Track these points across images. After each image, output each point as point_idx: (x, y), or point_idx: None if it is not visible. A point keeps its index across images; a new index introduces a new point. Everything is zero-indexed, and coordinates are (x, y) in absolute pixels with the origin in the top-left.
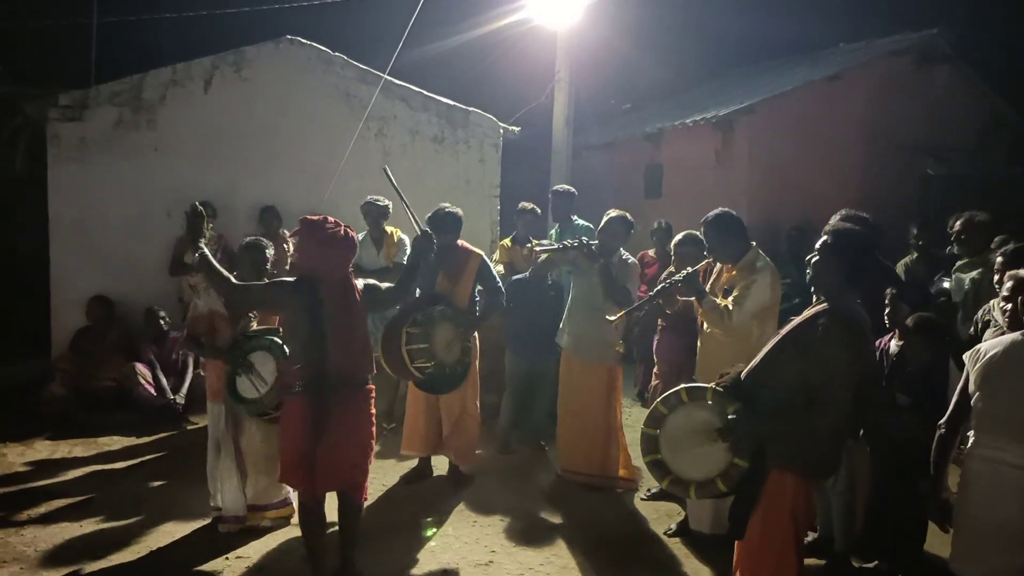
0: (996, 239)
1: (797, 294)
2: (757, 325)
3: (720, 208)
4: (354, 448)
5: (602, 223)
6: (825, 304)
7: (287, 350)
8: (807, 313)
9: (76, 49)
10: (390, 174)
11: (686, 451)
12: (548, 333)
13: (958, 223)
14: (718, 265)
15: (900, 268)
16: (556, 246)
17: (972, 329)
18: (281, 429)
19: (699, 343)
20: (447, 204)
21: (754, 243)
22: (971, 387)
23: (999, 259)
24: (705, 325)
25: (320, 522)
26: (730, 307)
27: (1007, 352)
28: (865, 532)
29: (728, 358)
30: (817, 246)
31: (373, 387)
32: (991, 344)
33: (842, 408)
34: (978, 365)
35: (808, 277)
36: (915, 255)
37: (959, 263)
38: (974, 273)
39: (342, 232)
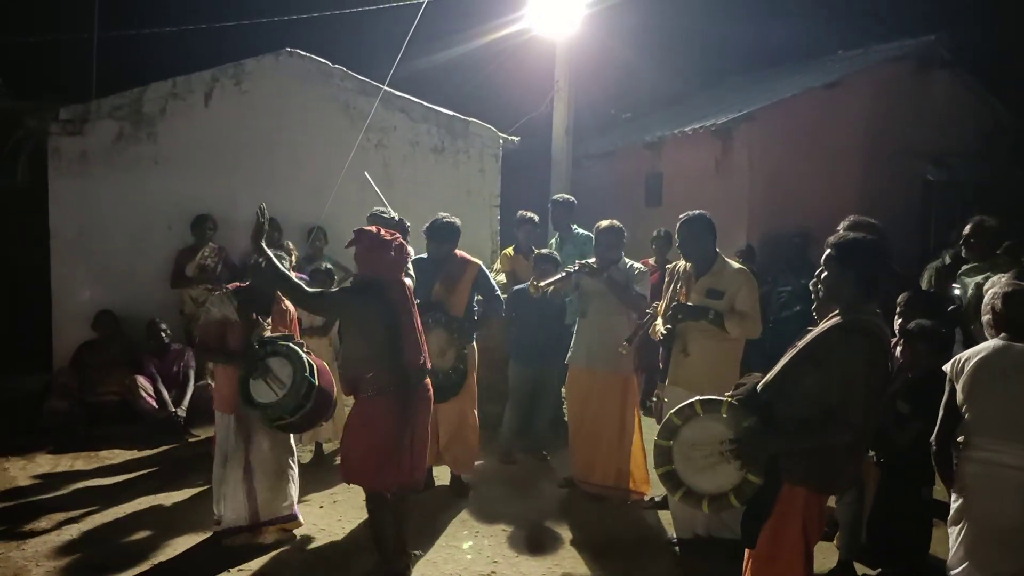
0: (1004, 245)
1: (798, 302)
2: (738, 326)
3: (697, 210)
4: (427, 439)
5: (595, 238)
6: (839, 317)
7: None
8: (824, 325)
9: (77, 63)
10: (370, 178)
11: (699, 464)
12: (551, 343)
13: (967, 227)
14: (680, 268)
15: (930, 271)
16: (559, 275)
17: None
18: (364, 433)
19: (674, 352)
20: (445, 214)
21: (718, 250)
22: (959, 397)
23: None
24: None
25: (391, 511)
26: (745, 311)
27: (992, 357)
28: (869, 539)
29: (700, 355)
30: (823, 259)
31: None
32: (972, 352)
33: (860, 425)
34: (964, 374)
35: (819, 291)
36: (948, 261)
37: (965, 267)
38: (979, 277)
39: (396, 240)
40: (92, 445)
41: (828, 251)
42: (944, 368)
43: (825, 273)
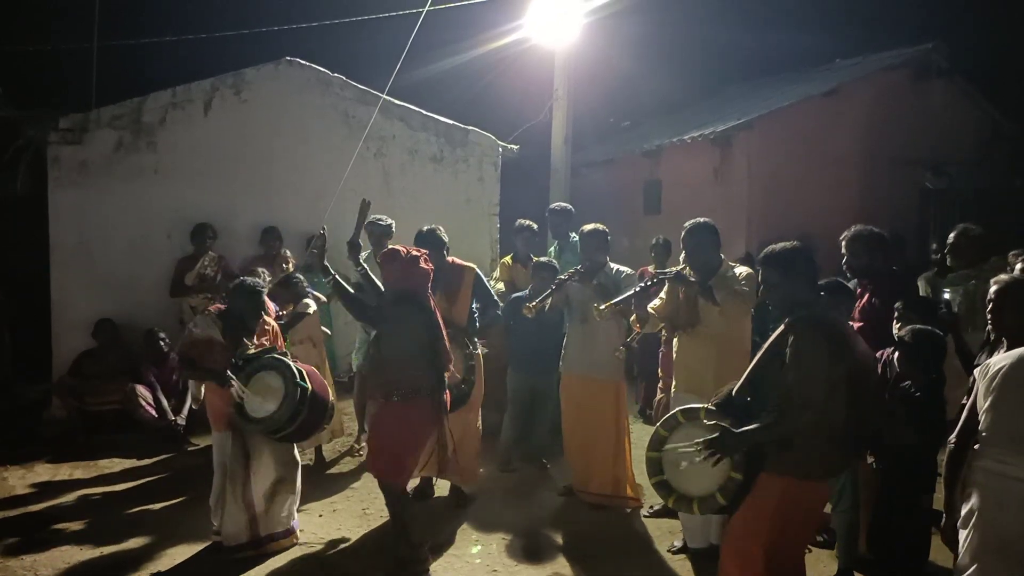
0: (1011, 254)
1: None
2: (736, 323)
3: (703, 218)
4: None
5: (579, 243)
6: (793, 318)
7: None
8: (782, 326)
9: (77, 72)
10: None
11: (687, 469)
12: (549, 351)
13: (952, 235)
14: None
15: (920, 283)
16: (550, 289)
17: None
18: (397, 431)
19: (674, 353)
20: (426, 225)
21: (723, 256)
22: (979, 401)
23: (1019, 266)
24: (672, 336)
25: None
26: (739, 289)
27: (1016, 365)
28: (868, 547)
29: (708, 362)
30: (763, 277)
31: None
32: (1000, 358)
33: (819, 404)
34: (985, 380)
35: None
36: (935, 270)
37: (951, 275)
38: (968, 285)
39: (424, 255)
40: (91, 454)
41: (767, 267)
42: (975, 373)
43: (770, 288)
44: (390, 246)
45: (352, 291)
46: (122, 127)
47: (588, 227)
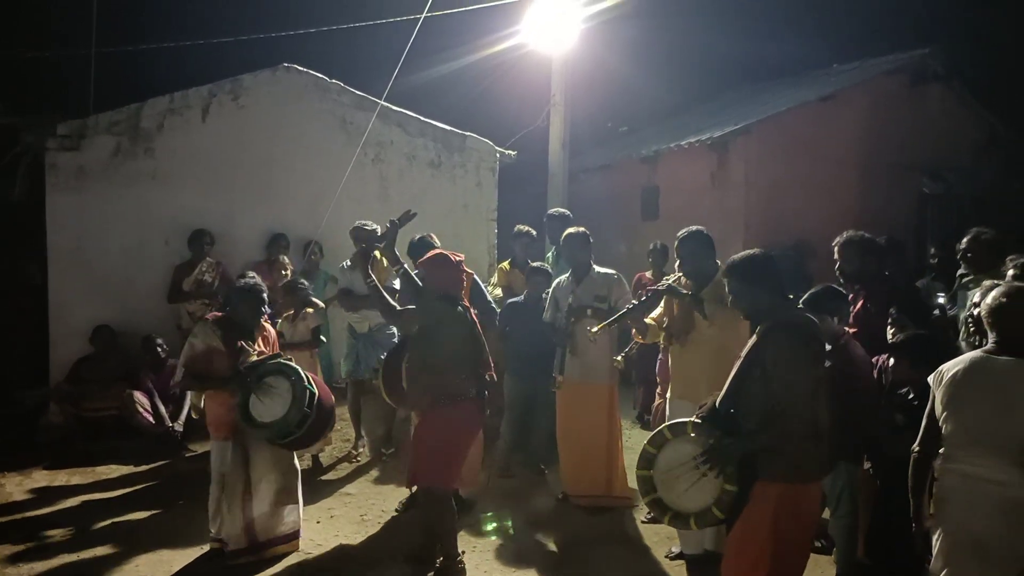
0: (1008, 259)
1: None
2: (731, 331)
3: (695, 227)
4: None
5: (562, 246)
6: (765, 324)
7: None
8: (756, 333)
9: (75, 79)
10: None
11: (680, 485)
12: (547, 356)
13: (964, 240)
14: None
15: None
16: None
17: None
18: (444, 436)
19: (670, 362)
20: (418, 235)
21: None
22: (938, 407)
23: (1010, 272)
24: (668, 344)
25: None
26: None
27: (971, 369)
28: (866, 553)
29: (703, 369)
30: (729, 289)
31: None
32: (952, 363)
33: (806, 409)
34: (942, 385)
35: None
36: (932, 275)
37: (964, 280)
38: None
39: (462, 260)
40: (89, 460)
41: (730, 278)
42: (928, 379)
43: (736, 298)
44: (436, 251)
45: (388, 299)
46: (120, 133)
47: (570, 229)
